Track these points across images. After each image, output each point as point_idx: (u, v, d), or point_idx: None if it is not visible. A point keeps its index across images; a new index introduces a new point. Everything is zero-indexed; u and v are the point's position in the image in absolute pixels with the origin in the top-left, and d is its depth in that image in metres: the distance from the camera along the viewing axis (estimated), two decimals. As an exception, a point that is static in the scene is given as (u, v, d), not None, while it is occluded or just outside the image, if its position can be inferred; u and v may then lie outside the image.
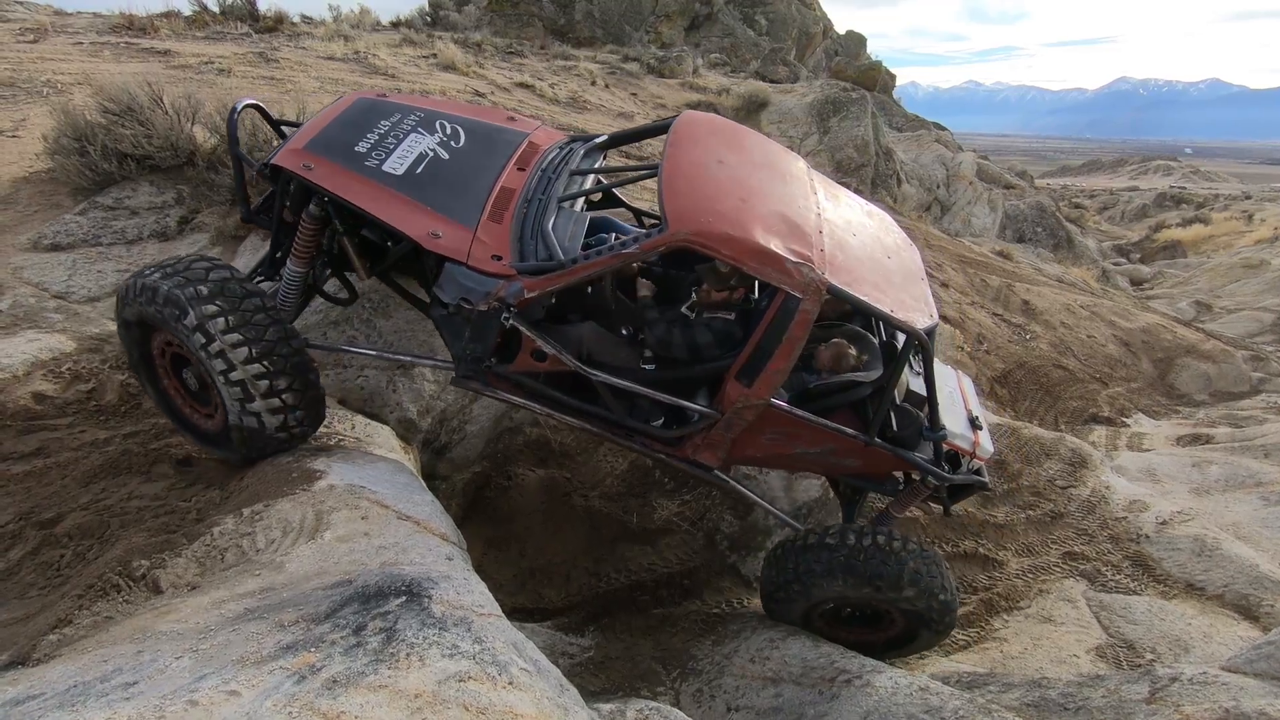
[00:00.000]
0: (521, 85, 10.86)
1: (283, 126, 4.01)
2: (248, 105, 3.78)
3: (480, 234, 3.25)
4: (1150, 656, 4.39)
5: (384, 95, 4.02)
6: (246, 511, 2.75)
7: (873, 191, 13.32)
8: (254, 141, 4.92)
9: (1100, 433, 8.05)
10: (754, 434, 3.43)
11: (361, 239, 3.51)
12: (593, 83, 12.60)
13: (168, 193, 5.00)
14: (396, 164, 3.41)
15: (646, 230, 3.33)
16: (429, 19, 16.90)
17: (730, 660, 3.72)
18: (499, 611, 2.35)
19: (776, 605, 3.82)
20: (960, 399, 3.92)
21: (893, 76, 24.10)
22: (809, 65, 22.08)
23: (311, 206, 3.36)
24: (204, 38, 9.32)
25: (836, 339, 3.62)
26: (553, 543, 4.84)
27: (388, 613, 2.02)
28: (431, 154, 3.57)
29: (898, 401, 3.62)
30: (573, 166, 3.80)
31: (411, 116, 3.79)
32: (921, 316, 3.30)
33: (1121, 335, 10.74)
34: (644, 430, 3.47)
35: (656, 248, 3.05)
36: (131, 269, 4.60)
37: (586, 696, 2.45)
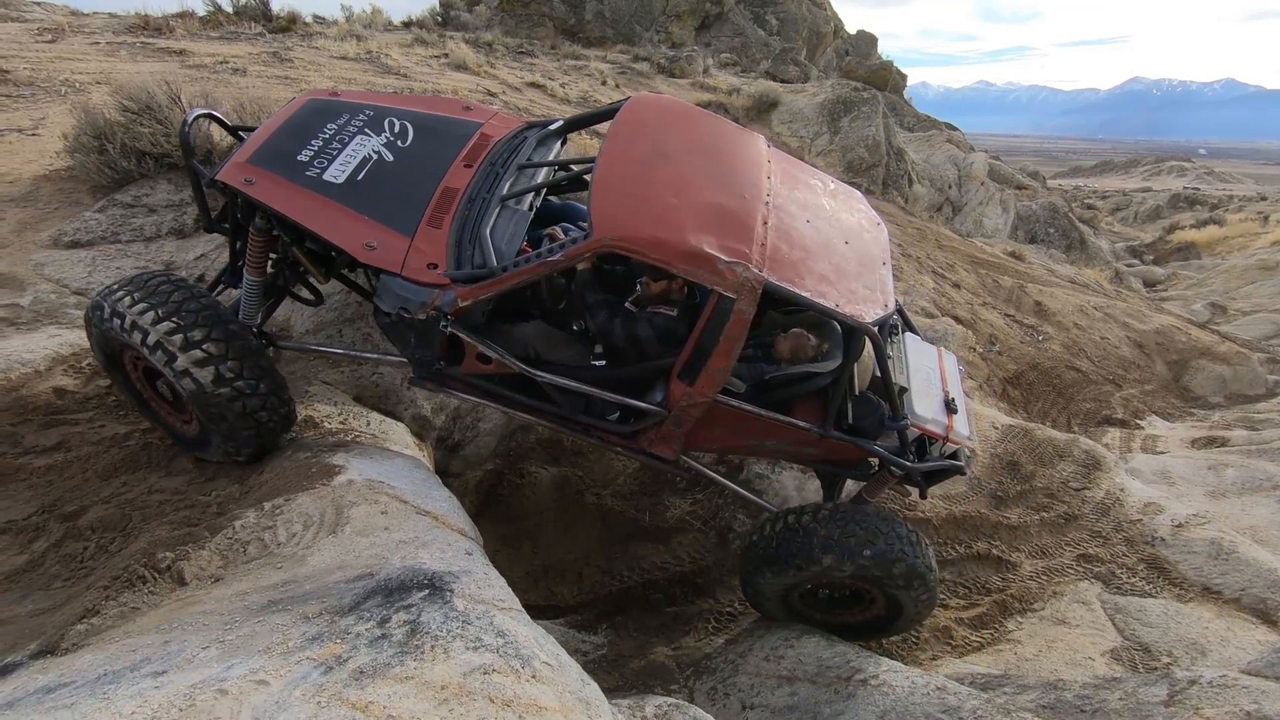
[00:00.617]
0: (532, 85, 10.89)
1: (240, 132, 3.95)
2: (199, 115, 3.75)
3: (418, 241, 3.22)
4: (1167, 660, 4.36)
5: (336, 94, 3.98)
6: (267, 505, 2.77)
7: (884, 192, 13.27)
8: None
9: (1114, 435, 8.00)
10: (707, 427, 3.43)
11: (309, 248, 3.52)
12: (603, 82, 12.62)
13: (185, 190, 5.04)
14: (338, 172, 3.40)
15: (573, 235, 3.28)
16: (440, 19, 16.96)
17: (744, 659, 3.72)
18: (519, 606, 2.36)
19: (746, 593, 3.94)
20: (939, 380, 3.81)
21: (904, 76, 23.97)
22: (820, 65, 22.03)
23: (257, 219, 3.40)
24: (219, 38, 9.39)
25: (796, 328, 3.53)
26: (565, 540, 4.86)
27: (411, 605, 2.04)
28: (375, 157, 3.54)
29: (858, 391, 3.57)
30: (522, 160, 3.72)
31: (360, 117, 3.74)
32: (873, 307, 3.19)
33: (1135, 337, 10.66)
34: (598, 425, 3.48)
35: (581, 254, 3.00)
36: (150, 265, 4.65)
37: (603, 693, 2.45)
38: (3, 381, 3.61)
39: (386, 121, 3.75)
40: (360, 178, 3.41)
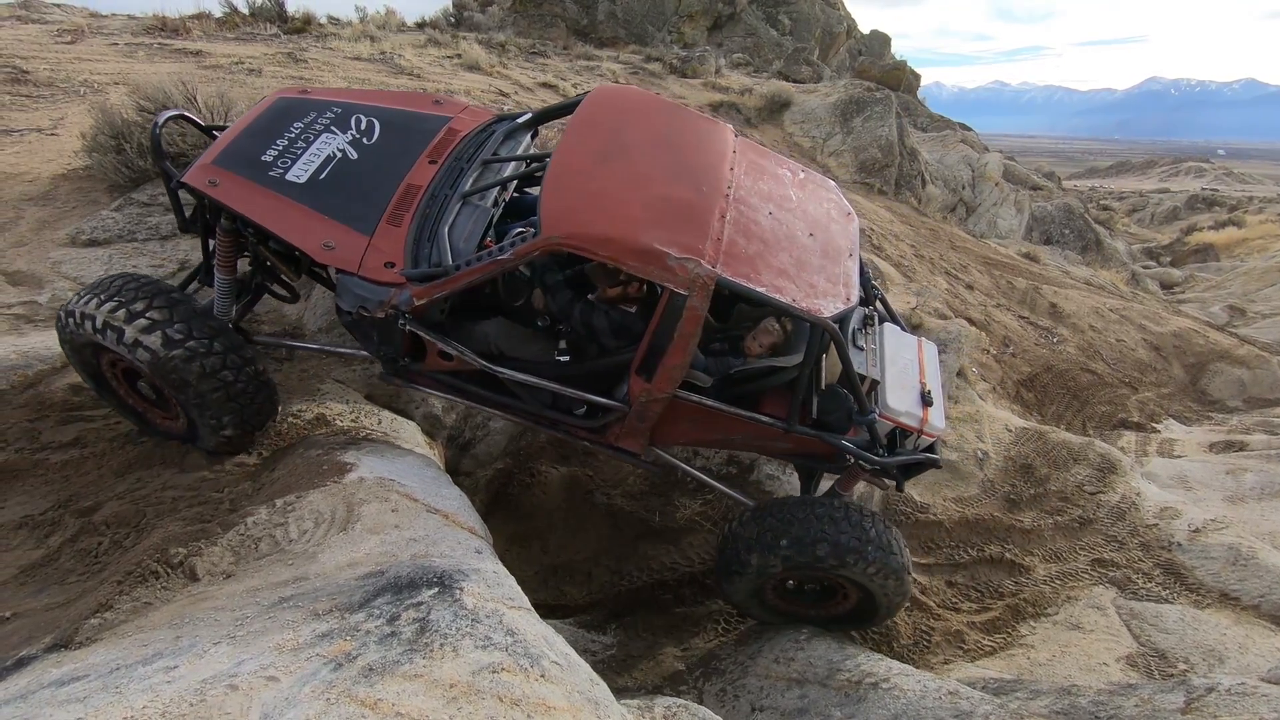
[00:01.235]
0: (545, 85, 10.90)
1: (214, 131, 3.97)
2: (171, 117, 3.78)
3: (376, 240, 3.23)
4: (1183, 666, 4.30)
5: (305, 92, 3.97)
6: (279, 502, 2.79)
7: (897, 192, 13.18)
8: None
9: (1130, 438, 7.90)
10: (673, 422, 3.41)
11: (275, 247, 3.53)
12: (615, 83, 12.62)
13: (201, 189, 5.08)
14: (301, 171, 3.41)
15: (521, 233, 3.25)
16: (453, 19, 17.02)
17: (754, 660, 3.70)
18: (528, 605, 2.36)
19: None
20: (916, 371, 3.73)
21: (918, 76, 23.80)
22: (833, 65, 21.92)
23: (223, 220, 3.43)
24: (234, 39, 9.47)
25: (766, 322, 3.49)
26: (575, 540, 4.85)
27: (420, 603, 2.04)
28: (340, 155, 3.54)
29: (824, 385, 3.53)
30: (487, 154, 3.70)
31: (326, 115, 3.74)
32: (833, 301, 3.12)
33: (1152, 339, 10.53)
34: (564, 420, 3.47)
35: (531, 253, 2.98)
36: (166, 264, 4.69)
37: (612, 693, 2.45)
38: (21, 378, 3.66)
39: (353, 119, 3.75)
40: (323, 177, 3.42)
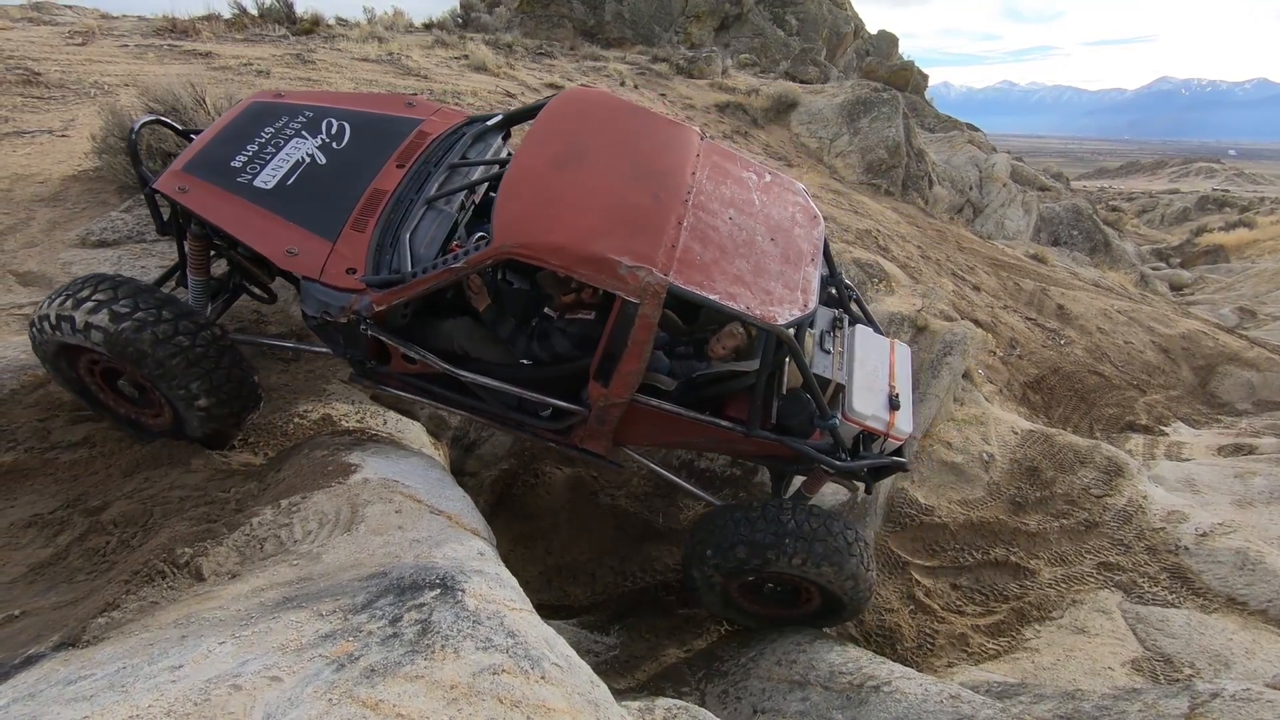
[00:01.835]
0: (551, 86, 10.92)
1: (191, 135, 3.99)
2: (147, 122, 3.81)
3: (339, 246, 3.25)
4: (1189, 671, 4.28)
5: (280, 95, 3.99)
6: (284, 503, 2.81)
7: (904, 193, 13.14)
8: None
9: (1137, 441, 7.85)
10: (635, 424, 3.43)
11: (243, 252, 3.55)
12: (622, 83, 12.63)
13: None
14: (269, 177, 3.43)
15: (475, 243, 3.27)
16: (460, 20, 17.06)
17: (756, 663, 3.71)
18: (530, 606, 2.37)
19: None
20: (886, 374, 3.72)
21: (925, 77, 23.74)
22: (840, 65, 21.87)
23: (194, 225, 3.47)
24: (243, 40, 9.53)
25: (731, 326, 3.49)
26: (579, 541, 4.87)
27: (423, 605, 2.06)
28: (309, 160, 3.55)
29: (785, 389, 3.56)
30: (454, 159, 3.70)
31: (299, 119, 3.76)
32: (789, 308, 3.12)
33: (1160, 341, 10.46)
34: (529, 422, 3.49)
35: (483, 261, 2.98)
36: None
37: (613, 694, 2.46)
38: (31, 378, 3.69)
39: (324, 123, 3.77)
40: (290, 182, 3.44)
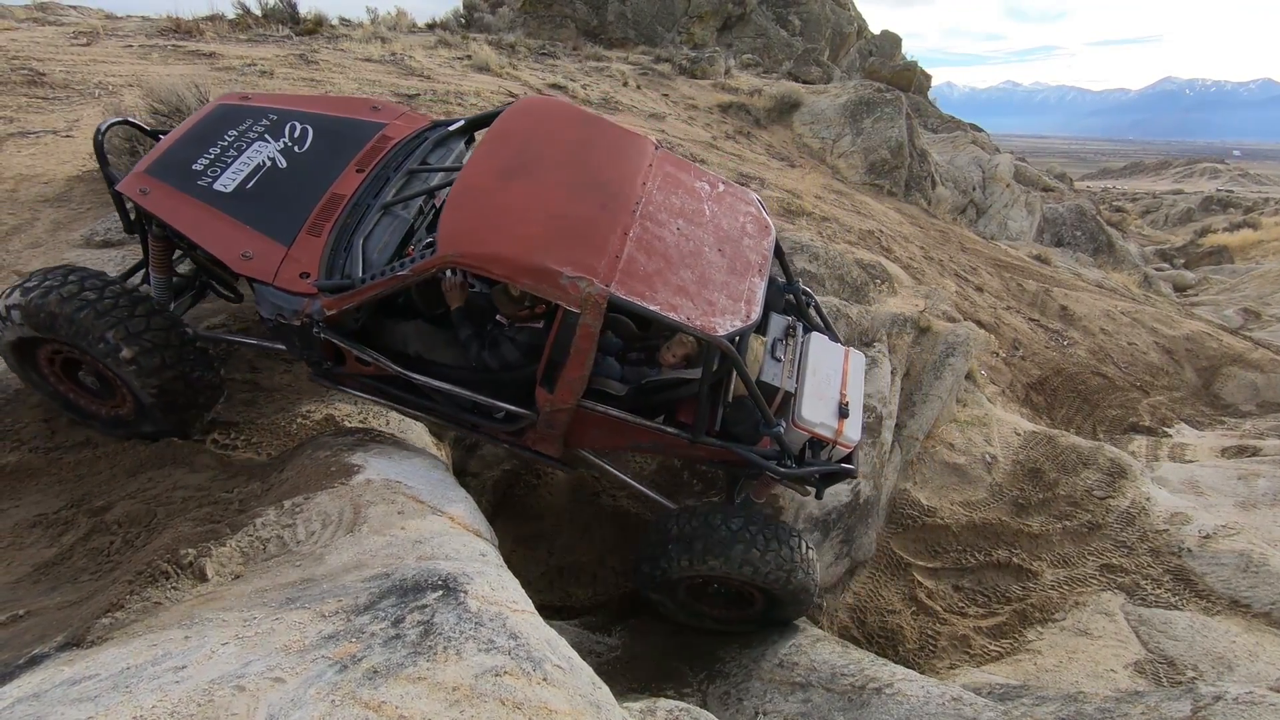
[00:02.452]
0: (554, 86, 10.93)
1: (159, 135, 3.99)
2: (115, 124, 3.83)
3: (294, 250, 3.28)
4: (1192, 674, 4.27)
5: (246, 98, 3.99)
6: (287, 504, 2.82)
7: (906, 194, 13.13)
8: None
9: (1140, 442, 7.84)
10: (584, 428, 3.48)
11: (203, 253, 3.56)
12: (624, 84, 12.63)
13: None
14: (229, 180, 3.46)
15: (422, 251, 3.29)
16: (464, 20, 17.08)
17: (758, 664, 3.71)
18: (532, 608, 2.38)
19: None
20: (838, 382, 3.75)
21: (928, 77, 23.70)
22: (843, 66, 21.85)
23: (155, 226, 3.49)
24: (247, 40, 9.55)
25: (680, 334, 3.49)
26: (581, 542, 4.87)
27: (425, 606, 2.06)
28: (269, 164, 3.58)
29: (730, 398, 3.62)
30: (414, 164, 3.73)
31: (262, 122, 3.78)
32: (731, 319, 3.16)
33: (1164, 343, 10.44)
34: (483, 424, 3.52)
35: (428, 269, 3.01)
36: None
37: (614, 695, 2.47)
38: (35, 378, 3.70)
39: (288, 126, 3.79)
40: (250, 186, 3.48)
